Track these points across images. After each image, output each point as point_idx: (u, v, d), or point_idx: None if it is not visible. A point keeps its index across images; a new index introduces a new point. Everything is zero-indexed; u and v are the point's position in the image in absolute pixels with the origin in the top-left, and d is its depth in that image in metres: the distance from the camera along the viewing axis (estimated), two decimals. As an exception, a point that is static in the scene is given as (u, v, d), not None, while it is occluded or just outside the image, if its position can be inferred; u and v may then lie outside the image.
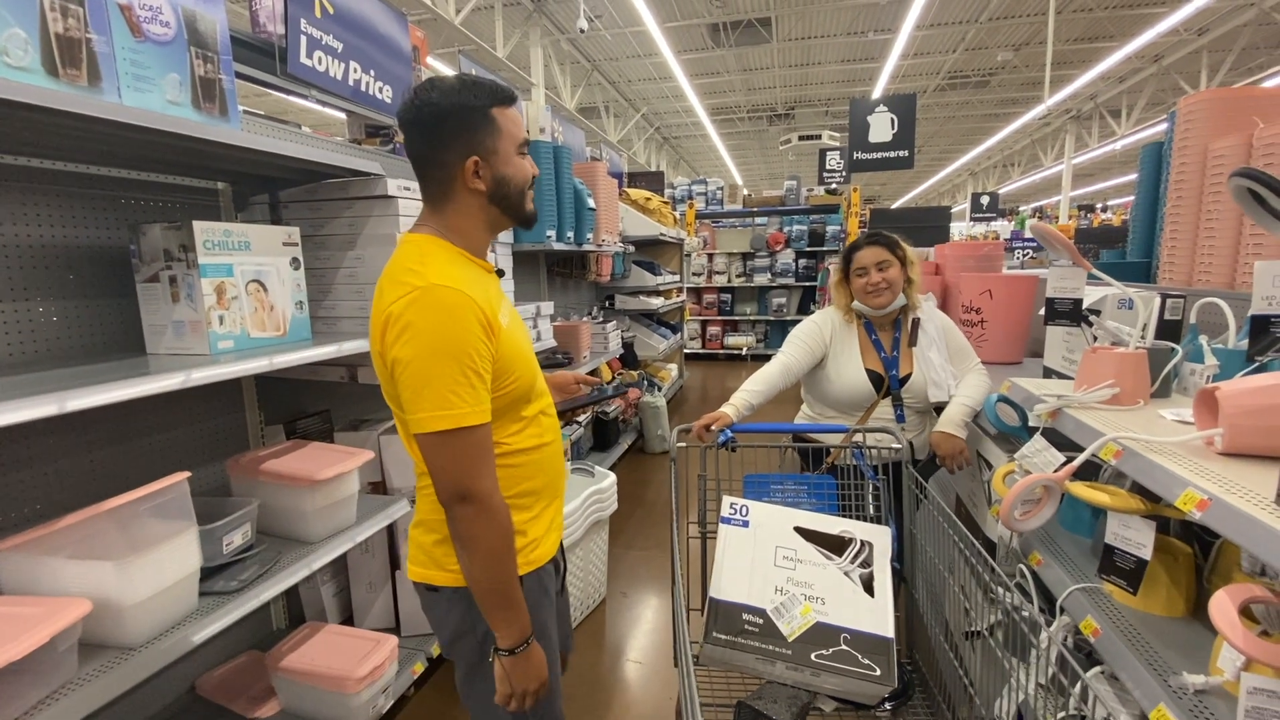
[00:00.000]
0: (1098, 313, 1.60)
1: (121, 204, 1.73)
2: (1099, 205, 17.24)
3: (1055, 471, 1.28)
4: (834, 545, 1.47)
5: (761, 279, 9.09)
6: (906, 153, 7.87)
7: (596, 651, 2.52)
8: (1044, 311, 1.70)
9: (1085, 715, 1.08)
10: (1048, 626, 1.20)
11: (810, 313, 2.58)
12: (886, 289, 1.95)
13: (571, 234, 3.58)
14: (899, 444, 1.74)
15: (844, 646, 1.31)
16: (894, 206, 23.00)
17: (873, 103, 7.97)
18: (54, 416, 1.07)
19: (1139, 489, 1.21)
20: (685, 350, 7.88)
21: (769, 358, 2.08)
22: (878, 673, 1.28)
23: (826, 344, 2.04)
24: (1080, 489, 1.24)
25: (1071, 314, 1.60)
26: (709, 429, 1.75)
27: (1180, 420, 1.19)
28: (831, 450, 1.95)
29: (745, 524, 1.49)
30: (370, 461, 1.97)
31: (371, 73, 2.49)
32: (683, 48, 9.94)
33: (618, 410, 4.58)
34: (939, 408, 1.98)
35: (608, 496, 2.73)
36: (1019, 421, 1.64)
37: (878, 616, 1.36)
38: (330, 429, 2.28)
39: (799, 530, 1.49)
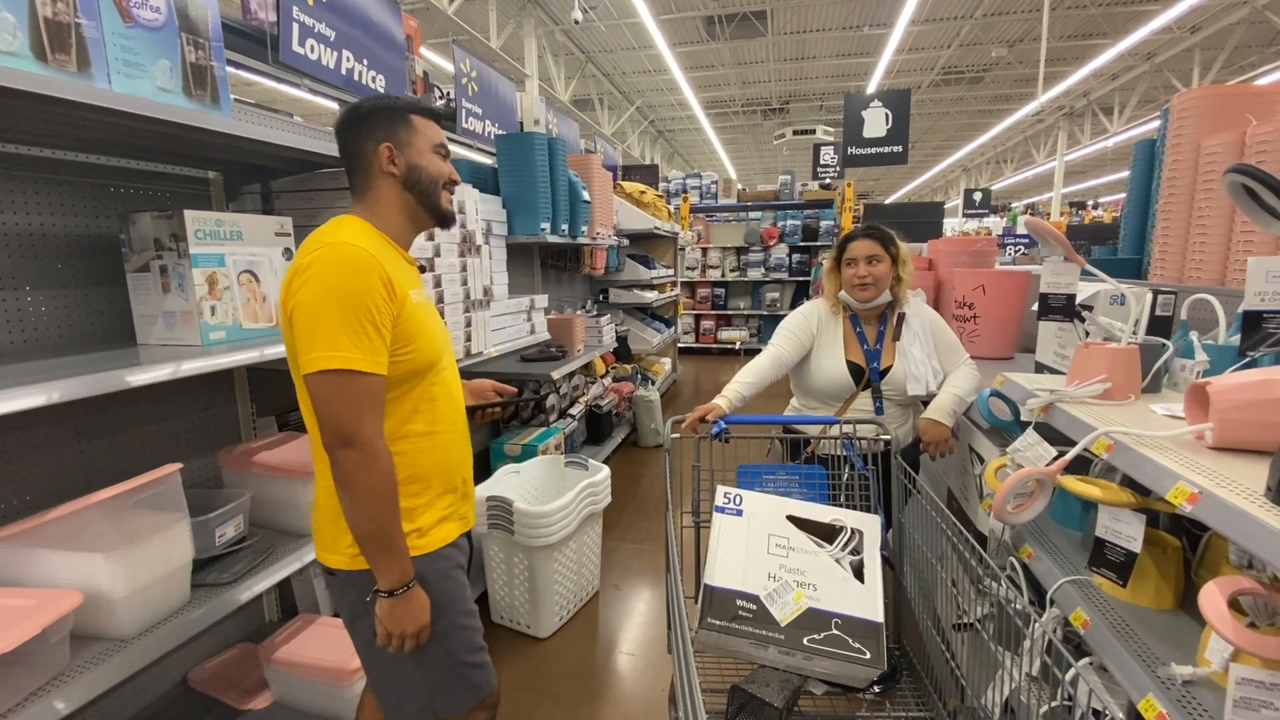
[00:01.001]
0: (1090, 308, 1.61)
1: (111, 192, 1.71)
2: (1090, 202, 17.36)
3: (1047, 465, 1.29)
4: (825, 533, 1.49)
5: (755, 273, 9.10)
6: (900, 148, 7.88)
7: (590, 643, 2.53)
8: (1037, 307, 1.71)
9: (1072, 706, 1.10)
10: (1038, 618, 1.22)
11: (802, 306, 2.59)
12: (872, 284, 1.97)
13: (566, 226, 3.57)
14: (888, 434, 1.76)
15: (835, 631, 1.33)
16: (887, 202, 23.04)
17: (867, 98, 7.97)
18: (43, 407, 1.06)
19: (1130, 483, 1.23)
20: (679, 344, 7.88)
21: (762, 352, 2.09)
22: (868, 656, 1.30)
23: (814, 335, 2.08)
24: (1072, 483, 1.25)
25: (1064, 309, 1.61)
26: (703, 420, 1.76)
27: (1171, 415, 1.20)
28: (812, 440, 1.97)
29: (739, 513, 1.51)
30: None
31: (364, 61, 2.47)
32: (677, 40, 9.89)
33: (611, 403, 4.58)
34: (924, 402, 2.01)
35: (601, 490, 2.73)
36: (1011, 416, 1.65)
37: (867, 602, 1.39)
38: (323, 421, 2.26)
39: (791, 519, 1.51)
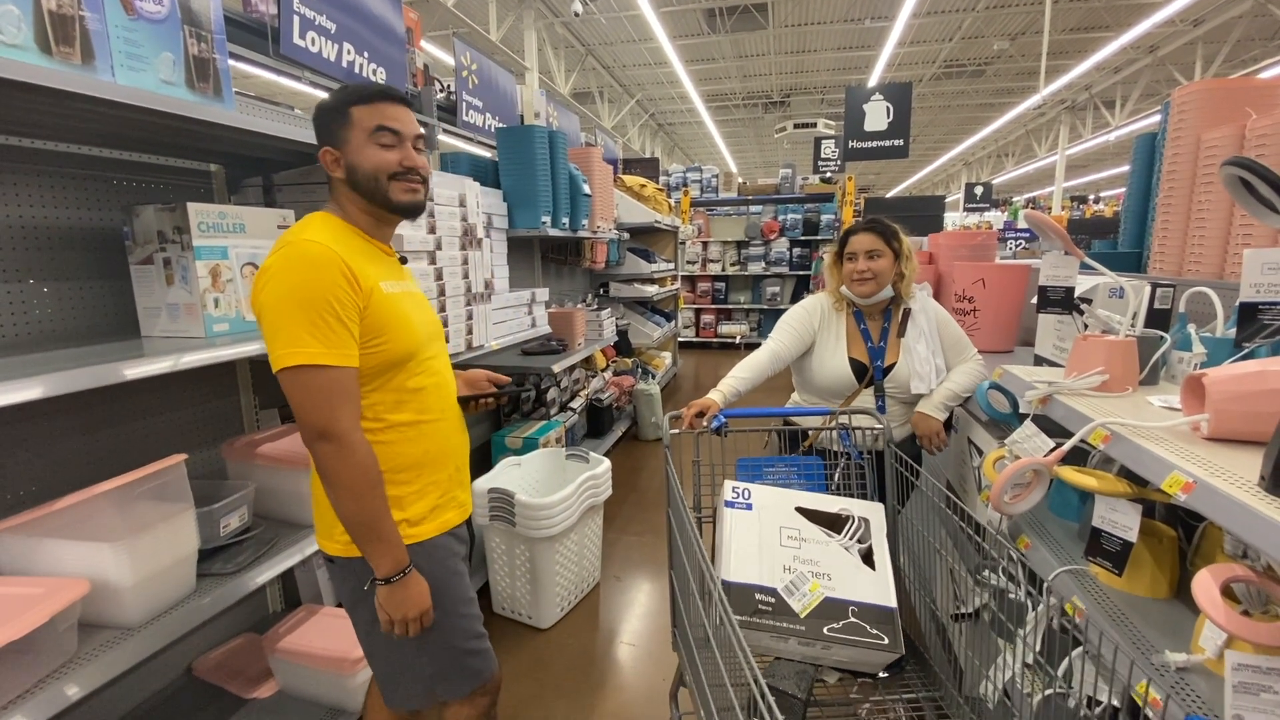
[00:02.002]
0: (1089, 301, 1.62)
1: (113, 185, 1.71)
2: (1091, 196, 17.32)
3: (1045, 456, 1.30)
4: (833, 523, 1.51)
5: (756, 267, 9.09)
6: (901, 142, 7.86)
7: (591, 634, 2.55)
8: (1036, 300, 1.72)
9: (1069, 692, 1.11)
10: (1034, 607, 1.23)
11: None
12: (871, 279, 1.93)
13: (566, 220, 3.57)
14: (879, 425, 1.77)
15: (852, 619, 1.34)
16: (888, 196, 22.99)
17: (868, 91, 7.94)
18: (48, 398, 1.07)
19: (1126, 474, 1.24)
20: (679, 338, 7.89)
21: (761, 347, 2.08)
22: (886, 641, 1.32)
23: (815, 330, 2.05)
24: (1069, 473, 1.26)
25: (1064, 302, 1.61)
26: (700, 415, 1.75)
27: (1168, 406, 1.21)
28: (810, 433, 1.96)
29: (749, 507, 1.51)
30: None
31: (365, 54, 2.47)
32: (678, 33, 9.85)
33: (611, 397, 4.59)
34: None
35: (602, 482, 2.75)
36: (1010, 408, 1.66)
37: (880, 588, 1.40)
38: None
39: (800, 510, 1.52)
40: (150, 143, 1.70)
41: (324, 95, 1.32)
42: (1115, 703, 1.03)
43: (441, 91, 3.45)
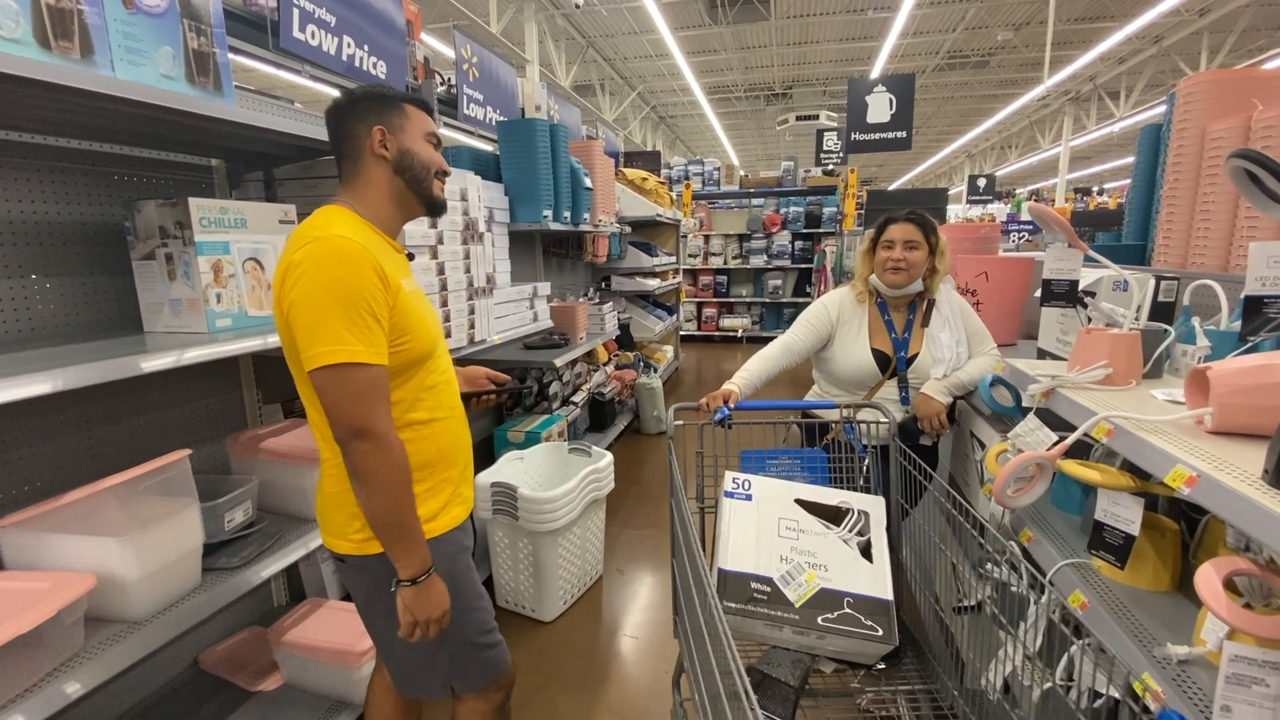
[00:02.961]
0: (1093, 294, 1.61)
1: (114, 180, 1.71)
2: (1095, 188, 17.23)
3: (1048, 450, 1.30)
4: (832, 515, 1.52)
5: (758, 261, 9.07)
6: (904, 133, 7.80)
7: (593, 626, 2.56)
8: (1039, 293, 1.71)
9: (1070, 685, 1.12)
10: (1037, 601, 1.23)
11: (806, 295, 2.56)
12: (905, 270, 1.94)
13: (568, 214, 3.56)
14: (885, 419, 1.77)
15: (847, 610, 1.35)
16: (891, 188, 22.90)
17: (871, 83, 7.88)
18: (52, 394, 1.07)
19: (1129, 467, 1.24)
20: (681, 332, 7.89)
21: (765, 340, 2.08)
22: (880, 633, 1.33)
23: (833, 325, 2.06)
24: (1072, 466, 1.26)
25: (1068, 295, 1.61)
26: (725, 401, 1.77)
27: (1172, 400, 1.21)
28: (832, 426, 1.97)
29: (748, 498, 1.53)
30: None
31: (365, 47, 2.45)
32: (679, 24, 9.79)
33: (613, 391, 4.59)
34: None
35: (605, 476, 2.75)
36: (1013, 402, 1.66)
37: (877, 580, 1.41)
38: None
39: (799, 502, 1.53)
40: (151, 137, 1.70)
41: (325, 90, 1.32)
42: (1116, 695, 1.03)
43: (442, 85, 3.44)
